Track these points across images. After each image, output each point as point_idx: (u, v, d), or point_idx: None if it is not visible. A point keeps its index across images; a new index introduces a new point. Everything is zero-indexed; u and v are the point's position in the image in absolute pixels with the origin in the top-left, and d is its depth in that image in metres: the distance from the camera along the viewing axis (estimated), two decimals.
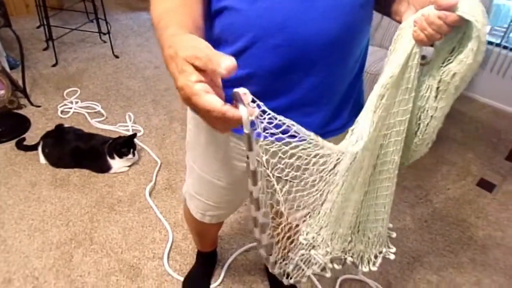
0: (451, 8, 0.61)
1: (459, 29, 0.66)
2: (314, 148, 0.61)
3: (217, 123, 0.46)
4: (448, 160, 2.20)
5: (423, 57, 0.71)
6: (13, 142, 1.99)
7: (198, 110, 0.44)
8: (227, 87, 0.47)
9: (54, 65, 2.74)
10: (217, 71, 0.42)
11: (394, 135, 0.75)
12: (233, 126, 0.46)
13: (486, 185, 2.03)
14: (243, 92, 0.46)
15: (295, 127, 0.53)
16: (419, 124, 0.79)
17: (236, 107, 0.45)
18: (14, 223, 1.59)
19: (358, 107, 0.78)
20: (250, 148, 0.51)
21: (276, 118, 0.50)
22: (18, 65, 2.55)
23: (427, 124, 0.78)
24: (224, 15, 0.69)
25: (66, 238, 1.54)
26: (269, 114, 0.49)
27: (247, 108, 0.45)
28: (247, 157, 0.53)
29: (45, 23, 2.81)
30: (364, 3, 0.70)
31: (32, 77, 2.56)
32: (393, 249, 0.91)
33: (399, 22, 0.71)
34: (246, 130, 0.47)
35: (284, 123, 0.51)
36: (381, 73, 0.72)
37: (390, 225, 0.94)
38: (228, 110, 0.44)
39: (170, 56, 0.45)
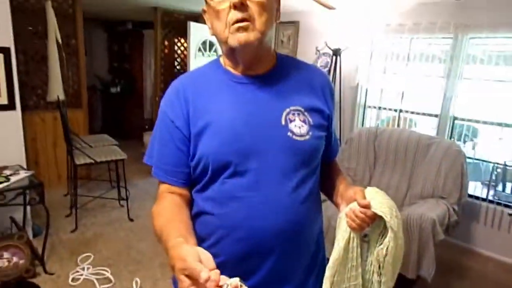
0: (367, 206, 0.82)
1: (382, 218, 0.86)
2: None
3: None
4: None
5: (366, 235, 0.89)
6: None
7: None
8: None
9: (73, 231, 2.97)
10: (199, 280, 0.59)
11: None
12: None
13: None
14: (234, 285, 0.60)
15: None
16: None
17: None
18: None
19: (322, 276, 0.91)
20: None
21: None
22: (41, 233, 2.78)
23: None
24: (200, 217, 0.92)
25: None
26: None
27: None
28: None
29: (72, 192, 3.18)
30: (303, 200, 0.89)
31: (52, 243, 2.75)
32: None
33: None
34: None
35: None
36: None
37: None
38: None
39: (172, 266, 0.65)
